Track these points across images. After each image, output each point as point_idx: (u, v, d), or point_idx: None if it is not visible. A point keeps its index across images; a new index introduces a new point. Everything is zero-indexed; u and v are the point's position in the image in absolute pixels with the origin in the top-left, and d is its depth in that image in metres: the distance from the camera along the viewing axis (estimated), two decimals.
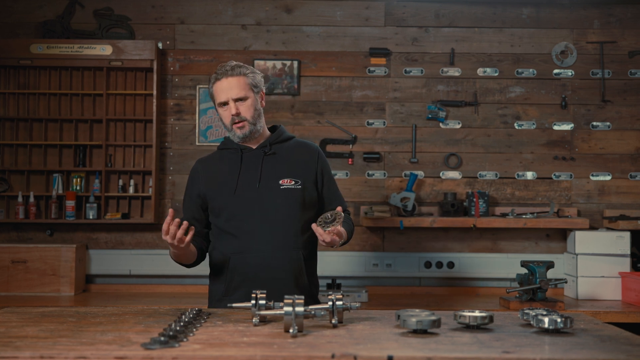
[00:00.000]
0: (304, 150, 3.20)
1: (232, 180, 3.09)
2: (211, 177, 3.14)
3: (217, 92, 3.07)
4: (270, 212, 3.05)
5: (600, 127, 4.99)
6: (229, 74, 3.05)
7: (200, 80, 4.98)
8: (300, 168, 3.14)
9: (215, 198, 3.10)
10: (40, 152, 4.91)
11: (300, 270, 3.08)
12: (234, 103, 3.04)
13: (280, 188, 3.07)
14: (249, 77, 3.08)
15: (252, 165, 3.11)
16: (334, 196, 3.24)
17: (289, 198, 3.07)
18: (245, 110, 3.05)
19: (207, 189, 3.12)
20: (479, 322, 2.39)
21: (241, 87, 3.05)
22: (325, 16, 5.01)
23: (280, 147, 3.16)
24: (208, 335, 2.25)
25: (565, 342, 2.19)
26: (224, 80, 3.05)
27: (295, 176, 3.11)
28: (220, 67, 3.10)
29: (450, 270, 4.91)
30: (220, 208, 3.09)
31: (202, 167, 3.20)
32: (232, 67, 3.06)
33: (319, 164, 3.20)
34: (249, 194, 3.06)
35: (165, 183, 4.96)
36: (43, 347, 2.06)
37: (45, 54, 4.82)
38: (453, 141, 4.98)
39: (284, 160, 3.14)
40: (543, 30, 5.02)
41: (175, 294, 4.80)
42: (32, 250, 4.66)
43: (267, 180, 3.08)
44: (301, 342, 2.16)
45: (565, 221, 4.77)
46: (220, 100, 3.07)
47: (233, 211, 3.07)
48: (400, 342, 2.17)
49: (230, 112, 3.05)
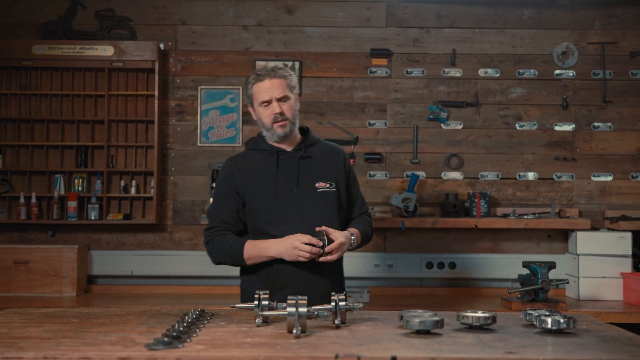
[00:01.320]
0: (333, 152, 3.31)
1: (270, 182, 3.16)
2: (247, 177, 3.19)
3: (259, 92, 3.15)
4: (308, 215, 3.12)
5: (601, 128, 4.99)
6: (271, 75, 3.14)
7: (201, 81, 4.98)
8: (333, 171, 3.25)
9: (254, 200, 3.16)
10: (42, 153, 4.91)
11: (338, 271, 3.21)
12: (277, 102, 3.13)
13: (317, 191, 3.18)
14: (288, 79, 3.19)
15: (289, 168, 3.19)
16: (357, 197, 3.37)
17: (326, 201, 3.18)
18: (287, 110, 3.15)
19: (245, 190, 3.17)
20: (482, 322, 2.40)
21: (283, 88, 3.15)
22: (326, 17, 5.01)
23: (313, 150, 3.26)
24: (211, 336, 2.25)
25: (568, 343, 2.20)
26: (266, 80, 3.14)
27: (329, 179, 3.22)
28: (260, 70, 3.19)
29: (451, 271, 4.91)
30: (259, 210, 3.15)
31: (236, 167, 3.24)
32: (272, 69, 3.16)
33: (346, 165, 3.32)
34: (288, 197, 3.14)
35: (167, 184, 4.96)
36: (46, 347, 2.07)
37: (47, 54, 4.82)
38: (454, 142, 4.99)
39: (318, 163, 3.24)
40: (544, 31, 5.03)
41: (177, 294, 4.80)
42: (33, 251, 4.66)
43: (305, 183, 3.18)
44: (304, 342, 2.17)
45: (566, 222, 4.77)
46: (263, 99, 3.14)
47: (273, 214, 3.13)
48: (403, 343, 2.18)
49: (274, 111, 3.13)
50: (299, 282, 3.08)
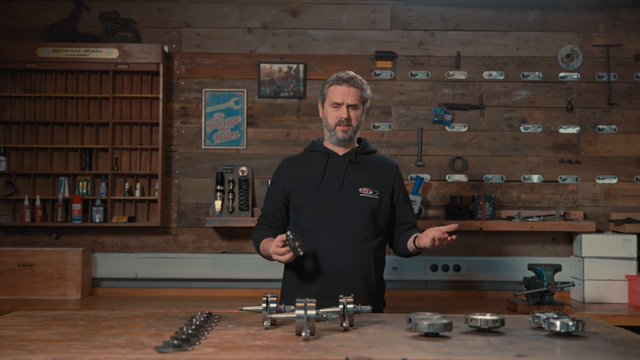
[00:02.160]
0: (385, 164, 3.45)
1: (315, 181, 3.32)
2: (297, 175, 3.37)
3: (334, 93, 3.31)
4: (346, 217, 3.26)
5: (606, 131, 4.99)
6: (350, 83, 3.30)
7: (206, 83, 4.98)
8: (379, 180, 3.37)
9: (298, 196, 3.33)
10: (47, 156, 4.91)
11: (370, 273, 3.28)
12: (347, 108, 3.29)
13: (359, 196, 3.30)
14: (364, 91, 3.35)
15: (337, 170, 3.34)
16: (408, 210, 3.47)
17: (366, 206, 3.29)
18: (354, 118, 3.32)
19: (291, 186, 3.35)
20: (490, 325, 2.40)
21: (357, 97, 3.31)
22: (331, 19, 5.01)
23: (364, 158, 3.40)
24: (220, 339, 2.25)
25: (577, 346, 2.19)
26: (344, 86, 3.30)
27: (373, 186, 3.33)
28: (340, 73, 3.33)
29: (456, 274, 4.91)
30: (301, 206, 3.32)
31: (288, 165, 3.43)
32: (352, 77, 3.32)
33: (397, 179, 3.43)
34: (330, 196, 3.29)
35: (171, 186, 4.96)
36: (56, 350, 2.06)
37: (52, 57, 4.82)
38: (459, 144, 4.98)
39: (366, 170, 3.37)
40: (549, 34, 5.02)
41: (182, 297, 4.80)
42: (38, 253, 4.66)
43: (348, 186, 3.31)
44: (314, 345, 2.16)
45: (571, 224, 4.77)
46: (336, 101, 3.30)
47: (313, 211, 3.29)
48: (412, 346, 2.17)
49: (341, 115, 3.29)
50: (328, 279, 3.21)
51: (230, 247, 4.94)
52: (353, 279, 3.23)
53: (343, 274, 3.21)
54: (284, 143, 4.96)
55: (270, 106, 4.98)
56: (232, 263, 4.91)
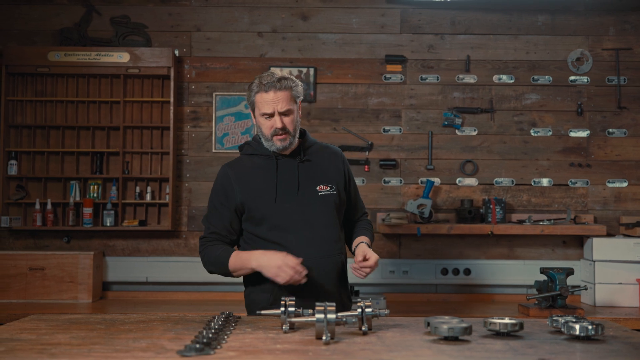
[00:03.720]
0: (331, 155, 3.24)
1: (270, 188, 3.07)
2: (246, 184, 3.09)
3: (262, 103, 3.03)
4: (311, 220, 3.06)
5: (616, 134, 4.99)
6: (276, 87, 3.00)
7: (216, 87, 4.99)
8: (332, 173, 3.18)
9: (255, 207, 3.06)
10: (58, 160, 4.92)
11: (343, 275, 3.17)
12: (280, 117, 3.01)
13: (319, 194, 3.11)
14: (294, 90, 3.06)
15: (289, 172, 3.10)
16: (357, 199, 3.33)
17: (327, 204, 3.12)
18: (289, 123, 3.04)
19: (244, 197, 3.07)
20: (510, 329, 2.40)
21: (287, 101, 3.02)
22: (341, 23, 5.02)
23: (311, 153, 3.19)
24: (240, 343, 2.25)
25: (598, 350, 2.19)
26: (271, 92, 3.00)
27: (329, 182, 3.15)
28: (265, 77, 3.04)
29: (466, 277, 4.90)
30: (260, 218, 3.05)
31: (233, 174, 3.13)
32: (279, 80, 3.01)
33: (345, 167, 3.26)
34: (289, 202, 3.06)
35: (182, 190, 4.96)
36: (78, 354, 2.07)
37: (63, 61, 4.84)
38: (469, 148, 4.98)
39: (318, 166, 3.17)
40: (558, 37, 5.03)
41: (192, 301, 4.80)
42: (50, 257, 4.67)
43: (305, 187, 3.10)
44: (335, 349, 2.16)
45: (582, 228, 4.76)
46: (266, 112, 3.02)
47: (275, 220, 3.05)
48: (433, 350, 2.17)
49: (275, 125, 3.02)
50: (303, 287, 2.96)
51: None
52: (330, 284, 3.07)
53: (319, 280, 3.03)
54: None
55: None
56: None
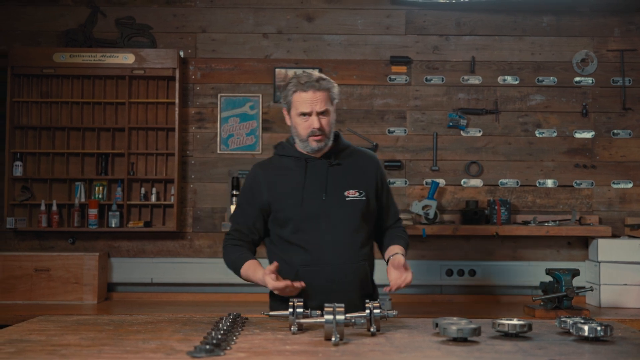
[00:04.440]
0: (365, 159, 3.17)
1: (297, 191, 3.04)
2: (274, 185, 3.08)
3: (300, 102, 2.99)
4: (336, 225, 3.02)
5: (621, 135, 4.99)
6: (316, 87, 2.97)
7: (221, 88, 4.99)
8: (363, 179, 3.12)
9: (281, 209, 3.05)
10: (63, 161, 4.92)
11: (367, 281, 3.10)
12: (317, 116, 2.98)
13: (346, 200, 3.05)
14: (332, 91, 3.04)
15: (318, 175, 3.07)
16: (390, 205, 3.25)
17: (354, 210, 3.06)
18: (326, 124, 3.02)
19: (271, 198, 3.06)
20: (518, 330, 2.40)
21: (325, 101, 3.00)
22: (346, 24, 5.02)
23: (343, 157, 3.13)
24: (250, 344, 2.25)
25: (608, 351, 2.19)
26: (310, 92, 2.97)
27: (359, 187, 3.09)
28: (303, 77, 3.01)
29: (471, 278, 4.90)
30: (286, 220, 3.05)
31: (262, 174, 3.12)
32: (317, 80, 2.99)
33: (379, 173, 3.18)
34: (315, 206, 3.03)
35: (187, 191, 4.97)
36: (89, 355, 2.07)
37: (68, 62, 4.84)
38: (474, 149, 4.98)
39: (348, 170, 3.11)
40: (563, 39, 5.03)
41: (198, 302, 4.80)
42: (55, 258, 4.67)
43: (333, 191, 3.05)
44: (344, 350, 2.17)
45: (587, 229, 4.76)
46: (303, 111, 2.98)
47: (300, 223, 3.03)
48: (443, 351, 2.17)
49: (312, 125, 2.98)
50: (326, 292, 2.95)
51: None
52: (350, 290, 3.01)
53: (339, 287, 2.99)
54: None
55: None
56: None
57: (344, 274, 3.02)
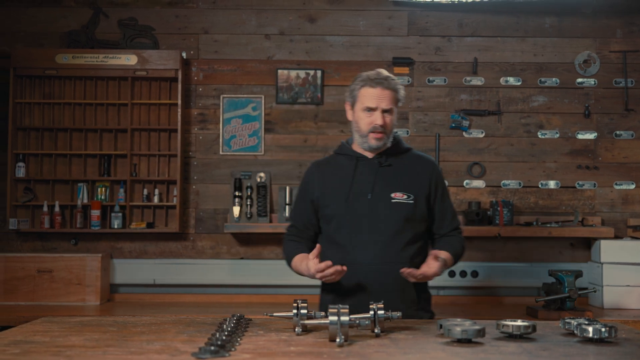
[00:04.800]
0: (420, 163, 3.17)
1: (344, 188, 3.08)
2: (325, 182, 3.14)
3: (366, 97, 3.02)
4: (379, 225, 3.03)
5: (623, 136, 4.99)
6: (384, 85, 3.01)
7: (224, 89, 4.99)
8: (414, 182, 3.10)
9: (327, 205, 3.10)
10: (65, 162, 4.92)
11: (407, 284, 3.03)
12: (382, 113, 3.02)
13: (392, 201, 3.05)
14: (399, 92, 3.08)
15: (366, 175, 3.09)
16: (445, 212, 3.19)
17: (399, 212, 3.04)
18: (389, 123, 3.05)
19: (320, 194, 3.13)
20: (523, 331, 2.39)
21: (391, 100, 3.04)
22: (348, 26, 5.02)
23: (397, 159, 3.13)
24: (254, 345, 2.25)
25: (612, 352, 2.19)
26: (378, 88, 3.01)
27: (407, 190, 3.07)
28: (373, 74, 3.05)
29: (474, 279, 4.90)
30: (331, 216, 3.09)
31: (317, 171, 3.20)
32: (385, 78, 3.03)
33: (434, 179, 3.15)
34: (359, 204, 3.04)
35: (189, 192, 4.97)
36: (94, 356, 2.07)
37: (70, 63, 4.84)
38: (476, 150, 4.98)
39: (399, 172, 3.10)
40: (566, 40, 5.03)
41: (200, 303, 4.80)
42: (57, 259, 4.67)
43: (380, 192, 3.06)
44: (349, 351, 2.17)
45: (590, 230, 4.76)
46: (369, 106, 3.02)
47: (343, 221, 3.05)
48: (447, 352, 2.17)
49: (376, 121, 3.01)
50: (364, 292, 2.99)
51: (248, 253, 4.95)
52: (389, 291, 2.98)
53: (378, 287, 2.98)
54: (301, 149, 4.96)
55: (288, 112, 4.99)
56: (250, 269, 4.91)
57: (380, 275, 3.01)
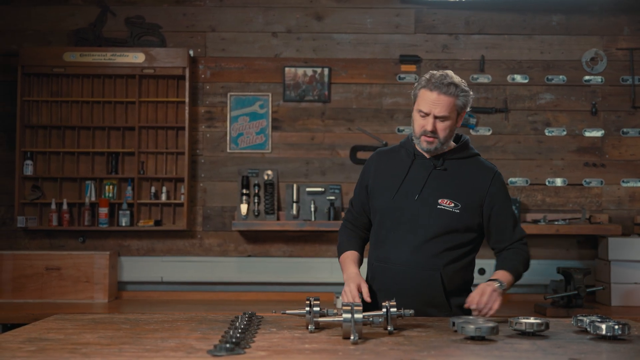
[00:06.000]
0: (479, 172, 2.99)
1: (394, 184, 2.98)
2: (380, 173, 3.04)
3: (422, 99, 2.87)
4: (418, 228, 2.93)
5: (630, 134, 4.99)
6: (442, 90, 2.82)
7: (231, 87, 5.00)
8: (466, 190, 2.95)
9: (375, 198, 3.02)
10: (73, 160, 4.94)
11: (437, 290, 2.93)
12: (433, 119, 2.85)
13: (437, 207, 2.91)
14: (459, 99, 2.86)
15: (419, 174, 2.97)
16: (504, 225, 3.01)
17: (442, 219, 2.91)
18: (441, 130, 2.86)
19: (372, 184, 3.05)
20: (535, 328, 2.40)
21: (447, 108, 2.83)
22: (355, 23, 5.03)
23: (455, 164, 2.98)
24: (268, 342, 2.26)
25: (626, 349, 2.19)
26: (435, 93, 2.83)
27: (456, 198, 2.93)
28: (437, 76, 2.87)
29: (481, 277, 4.90)
30: (376, 209, 3.02)
31: (376, 160, 3.09)
32: (447, 85, 2.83)
33: (491, 189, 2.97)
34: (405, 204, 2.94)
35: (196, 190, 4.98)
36: (109, 354, 2.07)
37: (78, 61, 4.85)
38: (483, 147, 4.98)
39: (453, 178, 2.96)
40: (573, 37, 5.03)
41: (208, 300, 4.81)
42: (66, 257, 4.68)
43: (428, 195, 2.93)
44: (364, 349, 2.17)
45: (597, 227, 4.77)
46: (422, 110, 2.86)
47: (385, 217, 2.98)
48: (462, 350, 2.18)
49: (426, 126, 2.85)
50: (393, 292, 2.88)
51: (256, 251, 4.96)
52: (419, 295, 2.89)
53: (405, 290, 2.88)
54: (308, 147, 4.97)
55: (295, 110, 5.00)
56: (258, 266, 4.92)
57: (410, 277, 2.92)
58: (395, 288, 2.93)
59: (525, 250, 3.07)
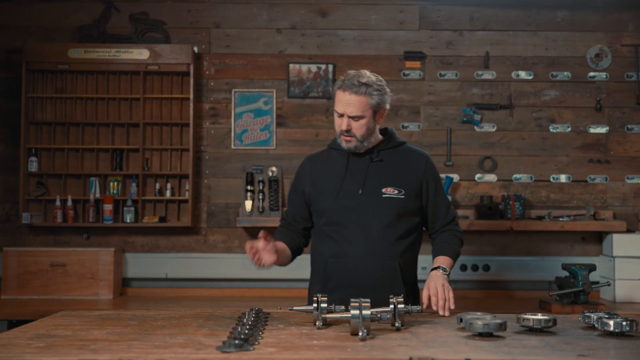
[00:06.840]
0: (412, 157, 3.13)
1: (335, 184, 3.07)
2: (317, 177, 3.14)
3: (337, 100, 2.98)
4: (369, 220, 3.02)
5: (635, 130, 4.98)
6: (353, 91, 2.92)
7: (235, 84, 5.00)
8: (405, 176, 3.08)
9: (318, 200, 3.10)
10: (78, 156, 4.93)
11: (396, 280, 3.03)
12: (347, 119, 2.96)
13: (382, 197, 3.02)
14: (373, 98, 2.96)
15: (358, 170, 3.07)
16: (439, 206, 3.16)
17: (390, 207, 3.02)
18: (357, 129, 2.97)
19: (311, 189, 3.13)
20: (543, 325, 2.40)
21: (360, 107, 2.94)
22: (360, 20, 5.02)
23: (389, 154, 3.10)
24: (276, 338, 2.26)
25: (634, 346, 2.20)
26: (347, 93, 2.93)
27: (398, 185, 3.05)
28: (351, 77, 2.97)
29: (485, 273, 4.91)
30: (322, 211, 3.09)
31: (309, 165, 3.20)
32: (359, 85, 2.93)
33: (427, 172, 3.12)
34: (350, 200, 3.03)
35: (201, 186, 4.98)
36: (119, 350, 2.08)
37: (83, 58, 4.85)
38: (488, 144, 4.98)
39: (390, 167, 3.08)
40: (577, 34, 5.02)
41: (212, 297, 4.82)
42: (71, 253, 4.68)
43: (370, 187, 3.04)
44: (372, 345, 2.17)
45: (602, 224, 4.77)
46: (337, 110, 2.99)
47: (333, 216, 3.05)
48: (470, 345, 2.18)
49: (341, 126, 2.98)
50: (352, 286, 2.97)
51: None
52: (378, 286, 2.96)
53: (364, 282, 2.98)
54: (313, 143, 4.96)
55: (300, 106, 5.00)
56: None
57: (369, 269, 3.01)
58: (352, 282, 3.00)
59: (459, 230, 3.23)
